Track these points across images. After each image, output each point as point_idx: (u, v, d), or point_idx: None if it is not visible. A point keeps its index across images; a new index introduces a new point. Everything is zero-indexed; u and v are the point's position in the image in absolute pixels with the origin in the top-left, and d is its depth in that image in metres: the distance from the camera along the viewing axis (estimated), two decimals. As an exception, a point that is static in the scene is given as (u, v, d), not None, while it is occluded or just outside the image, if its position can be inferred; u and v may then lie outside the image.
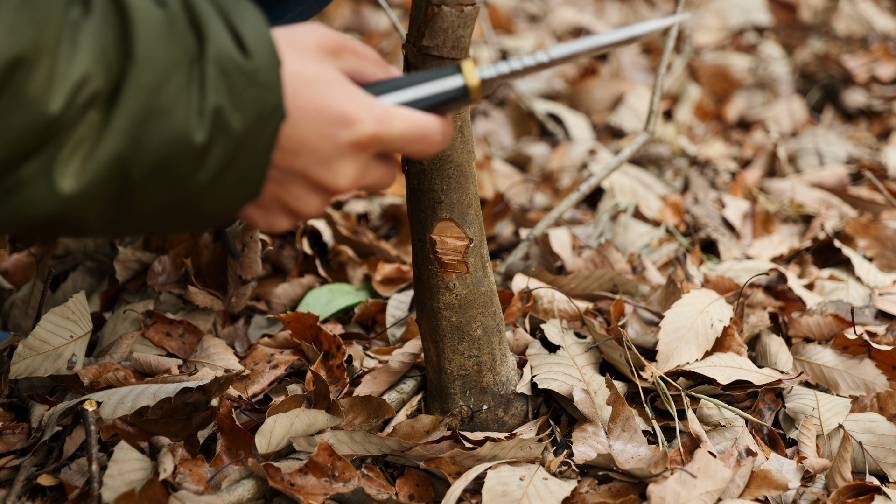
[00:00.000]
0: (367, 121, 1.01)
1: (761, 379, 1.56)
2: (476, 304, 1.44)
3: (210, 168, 0.96)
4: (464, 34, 1.28)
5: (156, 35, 0.92)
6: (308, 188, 1.04)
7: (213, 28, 0.95)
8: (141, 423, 1.47)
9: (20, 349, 1.50)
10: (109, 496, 1.28)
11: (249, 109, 0.96)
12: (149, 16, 0.92)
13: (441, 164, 1.36)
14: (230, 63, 0.95)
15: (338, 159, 1.02)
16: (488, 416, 1.50)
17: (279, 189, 1.03)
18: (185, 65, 0.94)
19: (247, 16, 0.97)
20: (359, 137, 1.01)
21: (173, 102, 0.93)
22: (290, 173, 1.02)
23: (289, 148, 1.00)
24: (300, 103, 0.99)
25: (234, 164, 0.97)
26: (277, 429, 1.41)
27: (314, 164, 1.01)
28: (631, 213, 2.20)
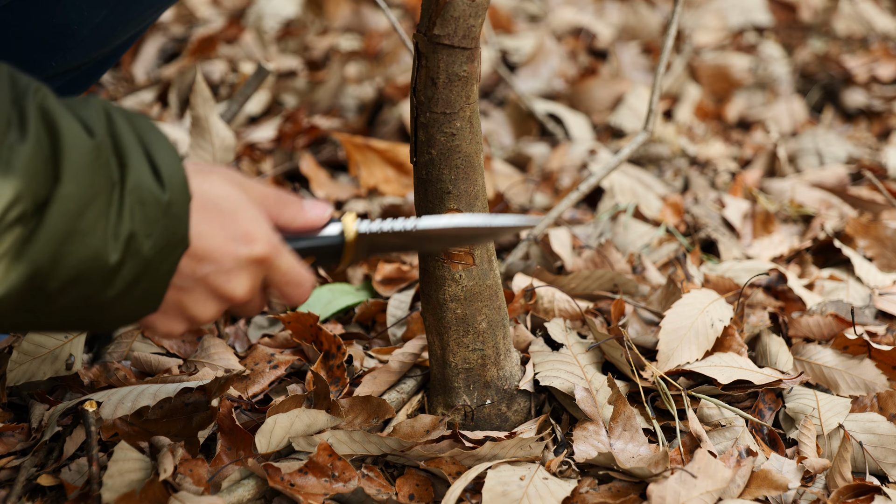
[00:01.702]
0: (264, 243, 1.14)
1: (761, 379, 1.56)
2: (482, 297, 1.44)
3: (118, 286, 1.05)
4: (475, 24, 1.29)
5: (83, 163, 1.01)
6: (207, 294, 1.14)
7: (134, 159, 1.05)
8: (141, 423, 1.47)
9: (15, 356, 1.50)
10: (110, 496, 1.28)
11: (160, 237, 1.06)
12: (78, 144, 1.01)
13: (450, 154, 1.36)
14: (148, 194, 1.05)
15: (236, 271, 1.14)
16: (491, 411, 1.50)
17: (181, 295, 1.14)
18: (107, 191, 1.03)
19: (164, 150, 1.07)
20: (256, 255, 1.14)
21: (92, 225, 1.02)
22: (193, 280, 1.13)
23: (196, 256, 1.11)
24: (210, 218, 1.11)
25: (140, 283, 1.07)
26: (277, 429, 1.41)
27: (216, 272, 1.13)
28: (631, 213, 2.20)
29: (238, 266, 1.14)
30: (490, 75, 3.20)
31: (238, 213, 1.13)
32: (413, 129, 1.37)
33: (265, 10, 3.65)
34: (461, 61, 1.31)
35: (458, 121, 1.35)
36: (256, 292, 1.18)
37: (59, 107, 1.02)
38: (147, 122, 1.09)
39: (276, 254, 1.16)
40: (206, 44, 3.37)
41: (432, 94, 1.33)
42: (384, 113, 2.95)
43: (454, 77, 1.32)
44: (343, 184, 2.53)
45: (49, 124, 1.00)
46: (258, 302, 1.21)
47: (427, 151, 1.37)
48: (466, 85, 1.33)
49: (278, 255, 1.16)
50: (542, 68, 3.26)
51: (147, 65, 3.33)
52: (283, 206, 1.20)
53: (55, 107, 1.02)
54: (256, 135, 2.79)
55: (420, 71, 1.33)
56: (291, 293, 1.20)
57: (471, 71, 1.32)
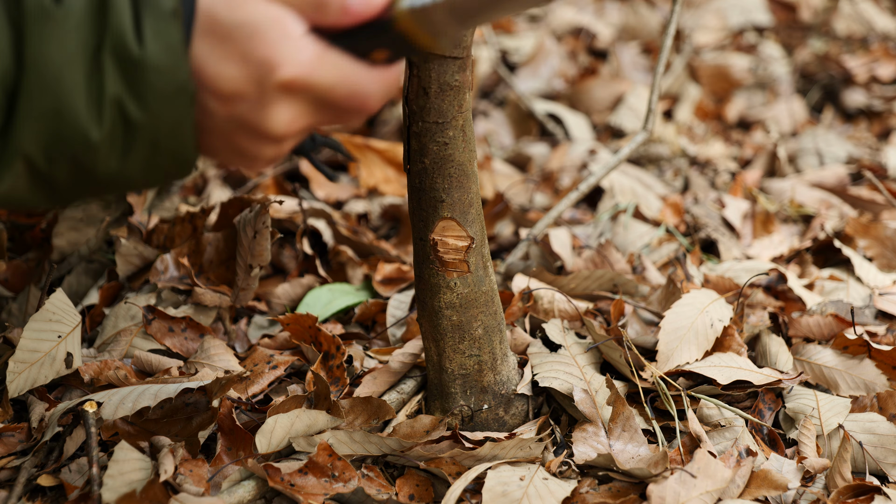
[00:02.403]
0: (292, 64, 1.00)
1: (761, 379, 1.56)
2: (477, 304, 1.44)
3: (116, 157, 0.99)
4: (465, 33, 1.28)
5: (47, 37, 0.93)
6: (251, 136, 1.04)
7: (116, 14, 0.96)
8: (141, 423, 1.47)
9: (12, 366, 1.49)
10: (110, 496, 1.28)
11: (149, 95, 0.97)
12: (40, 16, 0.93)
13: (443, 163, 1.36)
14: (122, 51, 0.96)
15: (269, 104, 1.01)
16: (489, 416, 1.50)
17: (230, 137, 1.04)
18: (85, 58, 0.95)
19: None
20: (284, 81, 1.00)
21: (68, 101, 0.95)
22: (230, 121, 1.02)
23: (221, 94, 1.00)
24: (229, 50, 1.00)
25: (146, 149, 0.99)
26: (278, 429, 1.41)
27: (249, 110, 1.01)
28: (631, 213, 2.20)
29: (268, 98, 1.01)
30: (490, 75, 3.20)
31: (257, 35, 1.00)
32: (406, 138, 1.37)
33: (265, 10, 3.64)
34: (453, 71, 1.31)
35: (450, 130, 1.35)
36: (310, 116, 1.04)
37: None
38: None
39: (311, 71, 1.01)
40: (206, 44, 3.36)
41: (424, 104, 1.33)
42: (384, 113, 2.95)
43: (446, 86, 1.31)
44: (343, 184, 2.53)
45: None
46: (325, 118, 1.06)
47: (420, 160, 1.37)
48: (458, 94, 1.33)
49: (315, 70, 1.01)
50: (542, 68, 3.26)
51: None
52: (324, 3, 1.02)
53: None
54: (256, 135, 2.79)
55: (412, 80, 1.32)
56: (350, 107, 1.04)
57: (463, 80, 1.32)
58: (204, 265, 1.81)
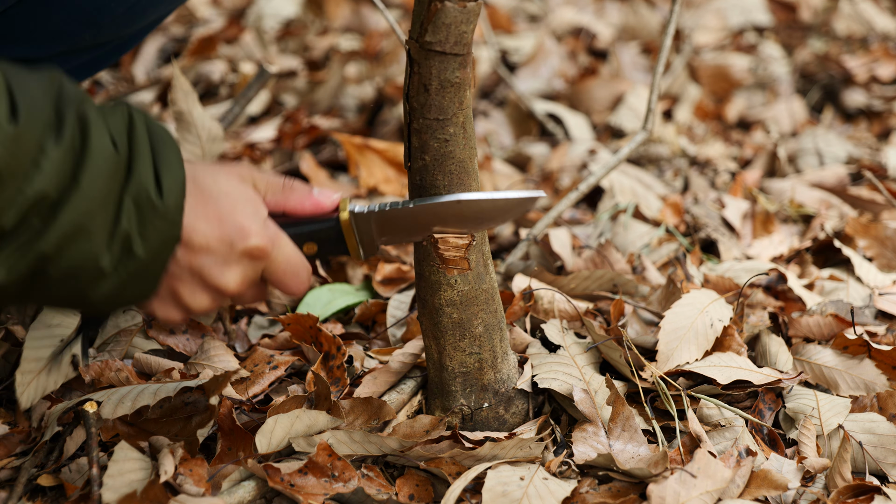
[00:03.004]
0: (260, 236, 1.22)
1: (761, 379, 1.56)
2: (478, 301, 1.44)
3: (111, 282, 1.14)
4: (466, 30, 1.28)
5: (101, 172, 1.11)
6: (201, 286, 1.22)
7: (141, 166, 1.14)
8: (141, 422, 1.47)
9: (20, 378, 1.49)
10: (110, 497, 1.28)
11: (154, 239, 1.15)
12: (103, 155, 1.11)
13: (443, 159, 1.36)
14: (146, 199, 1.14)
15: (231, 264, 1.22)
16: (489, 414, 1.50)
17: (177, 284, 1.22)
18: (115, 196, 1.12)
19: (171, 161, 1.16)
20: (249, 247, 1.22)
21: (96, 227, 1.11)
22: (189, 270, 1.21)
23: (192, 247, 1.19)
24: (207, 212, 1.19)
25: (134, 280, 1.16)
26: (278, 429, 1.41)
27: (210, 264, 1.21)
28: (631, 213, 2.20)
29: (231, 258, 1.21)
30: (490, 75, 3.20)
31: (237, 207, 1.21)
32: (407, 135, 1.37)
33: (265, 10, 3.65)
34: (453, 67, 1.31)
35: (451, 126, 1.35)
36: (251, 284, 1.25)
37: (96, 116, 1.12)
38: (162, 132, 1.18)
39: (272, 245, 1.23)
40: (206, 44, 3.37)
41: (425, 101, 1.33)
42: (384, 113, 2.95)
43: (447, 83, 1.31)
44: (343, 184, 2.53)
45: (83, 132, 1.10)
46: (255, 293, 1.28)
47: (421, 157, 1.37)
48: (459, 91, 1.33)
49: (274, 246, 1.24)
50: (542, 68, 3.26)
51: (147, 65, 3.33)
52: (290, 192, 1.28)
53: (93, 116, 1.11)
54: (256, 135, 2.79)
55: (412, 77, 1.32)
56: (289, 283, 1.28)
57: (463, 77, 1.32)
58: (204, 265, 1.81)
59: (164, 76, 3.24)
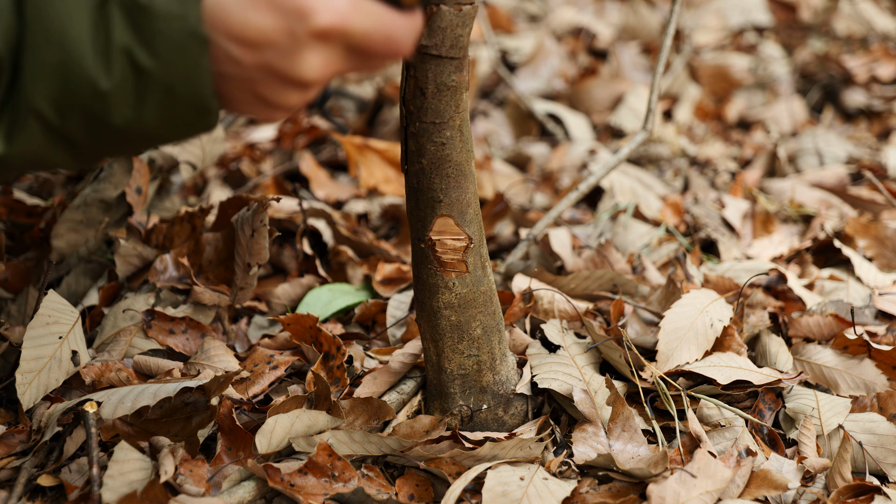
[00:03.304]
0: (324, 12, 0.98)
1: (761, 379, 1.56)
2: (476, 304, 1.44)
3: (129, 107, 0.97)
4: (462, 33, 1.28)
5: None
6: (280, 82, 1.02)
7: None
8: (141, 423, 1.47)
9: (20, 378, 1.48)
10: (110, 497, 1.28)
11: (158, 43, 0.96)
12: None
13: (440, 163, 1.36)
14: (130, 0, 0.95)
15: (301, 51, 1.00)
16: (488, 416, 1.50)
17: (255, 85, 1.02)
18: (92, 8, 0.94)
19: None
20: (317, 29, 0.99)
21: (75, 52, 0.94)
22: (258, 69, 1.01)
23: (248, 42, 0.99)
24: None
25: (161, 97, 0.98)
26: (278, 429, 1.41)
27: (280, 57, 1.00)
28: (631, 213, 2.20)
29: (300, 45, 0.99)
30: (490, 75, 3.20)
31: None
32: (403, 139, 1.37)
33: (265, 10, 3.64)
34: (449, 71, 1.31)
35: (447, 130, 1.35)
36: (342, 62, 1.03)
37: None
38: None
39: (345, 18, 1.00)
40: (206, 44, 3.36)
41: (421, 104, 1.33)
42: (384, 113, 2.95)
43: (443, 87, 1.31)
44: (343, 184, 2.53)
45: None
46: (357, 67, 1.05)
47: (417, 161, 1.37)
48: (455, 94, 1.33)
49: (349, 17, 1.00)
50: (542, 68, 3.26)
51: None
52: None
53: None
54: (256, 135, 2.79)
55: (408, 81, 1.32)
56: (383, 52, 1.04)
57: (459, 80, 1.32)
58: (203, 265, 1.81)
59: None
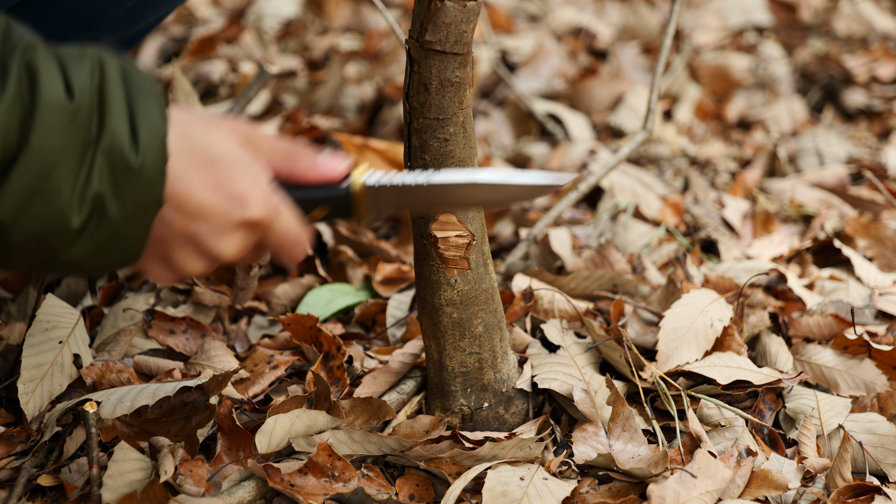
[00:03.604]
0: (261, 206, 1.12)
1: (761, 379, 1.56)
2: (477, 301, 1.44)
3: (85, 244, 1.05)
4: (466, 29, 1.28)
5: (55, 126, 1.00)
6: (195, 252, 1.14)
7: (114, 119, 1.04)
8: (140, 423, 1.47)
9: (22, 388, 1.48)
10: (110, 497, 1.28)
11: (129, 200, 1.05)
12: (54, 106, 1.00)
13: (443, 159, 1.36)
14: (119, 157, 1.03)
15: (227, 232, 1.13)
16: (489, 414, 1.50)
17: (168, 248, 1.13)
18: (79, 152, 1.02)
19: (149, 113, 1.06)
20: (249, 218, 1.12)
21: (58, 186, 1.01)
22: (182, 235, 1.12)
23: (186, 212, 1.10)
24: (205, 176, 1.10)
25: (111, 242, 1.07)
26: (278, 429, 1.41)
27: (206, 231, 1.12)
28: (631, 213, 2.20)
29: (230, 227, 1.12)
30: (490, 75, 3.20)
31: (236, 173, 1.12)
32: (406, 135, 1.37)
33: (265, 10, 3.65)
34: (453, 67, 1.31)
35: (451, 126, 1.35)
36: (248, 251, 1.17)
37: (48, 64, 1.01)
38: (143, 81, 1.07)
39: (273, 216, 1.14)
40: (206, 44, 3.37)
41: (425, 100, 1.33)
42: (384, 113, 2.95)
43: (446, 83, 1.31)
44: (343, 184, 2.53)
45: (31, 82, 1.00)
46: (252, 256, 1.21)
47: (421, 157, 1.37)
48: (459, 90, 1.33)
49: (275, 216, 1.15)
50: (542, 68, 3.26)
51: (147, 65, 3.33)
52: (296, 158, 1.18)
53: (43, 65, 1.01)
54: (256, 135, 2.79)
55: (412, 77, 1.32)
56: (286, 253, 1.19)
57: (463, 76, 1.32)
58: (204, 265, 1.81)
59: (164, 76, 3.24)
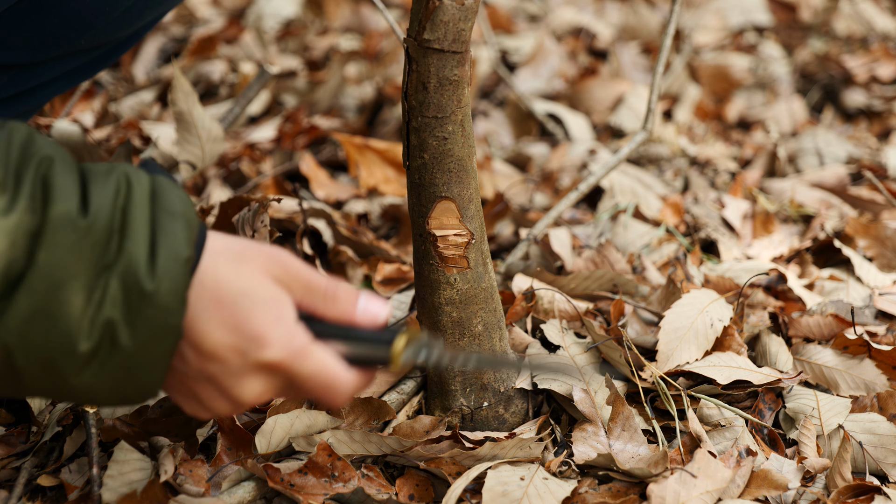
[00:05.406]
0: (279, 348, 1.04)
1: (761, 379, 1.56)
2: (477, 300, 1.45)
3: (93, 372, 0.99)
4: (465, 27, 1.28)
5: (64, 244, 0.95)
6: (217, 393, 1.07)
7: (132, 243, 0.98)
8: (140, 423, 1.47)
9: None
10: (110, 497, 1.28)
11: (142, 328, 0.98)
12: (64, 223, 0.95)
13: (442, 158, 1.36)
14: (133, 281, 0.97)
15: (245, 375, 1.05)
16: (489, 414, 1.50)
17: (194, 385, 1.06)
18: (93, 274, 0.96)
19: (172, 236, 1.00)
20: (265, 361, 1.04)
21: (65, 309, 0.95)
22: (202, 376, 1.05)
23: (202, 352, 1.03)
24: (223, 315, 1.02)
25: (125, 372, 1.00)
26: (278, 429, 1.41)
27: (222, 373, 1.04)
28: (631, 213, 2.20)
29: (247, 369, 1.05)
30: (490, 75, 3.20)
31: (257, 310, 1.03)
32: (405, 134, 1.37)
33: (265, 10, 3.65)
34: (452, 65, 1.31)
35: (449, 125, 1.35)
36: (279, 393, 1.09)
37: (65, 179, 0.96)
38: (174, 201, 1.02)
39: (295, 359, 1.05)
40: (205, 44, 3.37)
41: (423, 99, 1.33)
42: (384, 113, 2.95)
43: (445, 81, 1.31)
44: (343, 184, 2.53)
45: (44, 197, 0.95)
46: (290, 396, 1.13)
47: (419, 156, 1.37)
48: (457, 89, 1.33)
49: (300, 358, 1.05)
50: (542, 68, 3.26)
51: (147, 65, 3.33)
52: (333, 300, 1.09)
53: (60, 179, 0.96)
54: (256, 135, 2.79)
55: (411, 75, 1.32)
56: (319, 397, 1.09)
57: (462, 75, 1.32)
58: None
59: (164, 76, 3.24)
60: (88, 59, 1.63)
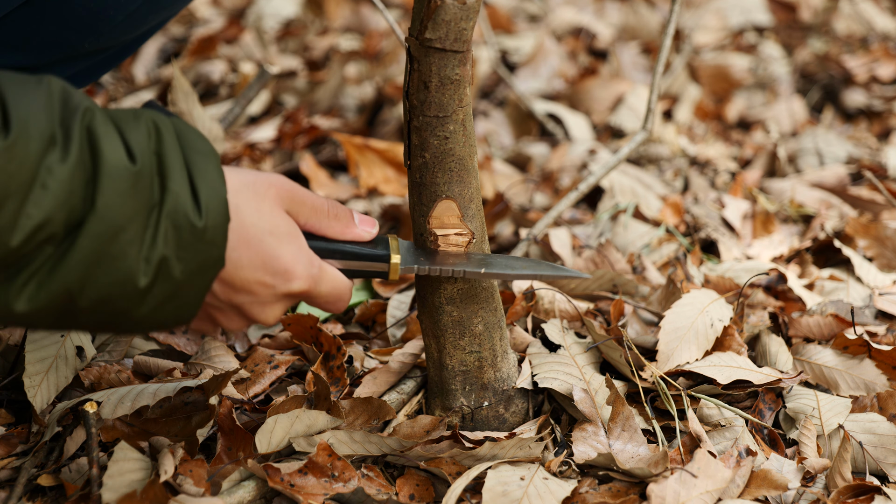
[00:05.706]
0: (304, 279, 1.19)
1: (761, 379, 1.56)
2: (477, 299, 1.45)
3: (149, 304, 1.09)
4: (466, 27, 1.28)
5: (120, 190, 1.03)
6: (239, 316, 1.20)
7: (175, 182, 1.06)
8: (140, 423, 1.47)
9: (28, 382, 1.48)
10: (110, 497, 1.28)
11: (192, 261, 1.08)
12: (118, 170, 1.03)
13: (443, 157, 1.36)
14: (183, 219, 1.07)
15: (272, 304, 1.19)
16: (489, 413, 1.50)
17: (214, 312, 1.19)
18: (143, 215, 1.05)
19: (208, 172, 1.09)
20: (294, 291, 1.19)
21: (124, 249, 1.04)
22: (228, 304, 1.17)
23: (233, 286, 1.15)
24: (251, 253, 1.14)
25: (171, 302, 1.10)
26: (278, 429, 1.41)
27: (250, 303, 1.18)
28: (631, 213, 2.20)
29: (274, 300, 1.19)
30: (490, 75, 3.20)
31: (280, 250, 1.16)
32: (406, 133, 1.37)
33: (265, 10, 3.65)
34: (453, 65, 1.31)
35: (451, 124, 1.35)
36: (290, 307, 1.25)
37: (107, 128, 1.03)
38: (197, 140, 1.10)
39: (315, 284, 1.21)
40: (206, 44, 3.37)
41: (425, 98, 1.33)
42: (384, 113, 2.95)
43: (446, 80, 1.31)
44: (343, 184, 2.54)
45: (92, 147, 1.02)
46: None
47: (421, 155, 1.37)
48: (459, 88, 1.33)
49: (317, 283, 1.21)
50: (542, 68, 3.26)
51: (147, 65, 3.34)
52: (334, 218, 1.25)
53: (102, 129, 1.03)
54: (256, 135, 2.79)
55: (412, 75, 1.32)
56: (330, 308, 1.26)
57: (463, 74, 1.32)
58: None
59: (164, 76, 3.24)
60: (92, 63, 1.64)
